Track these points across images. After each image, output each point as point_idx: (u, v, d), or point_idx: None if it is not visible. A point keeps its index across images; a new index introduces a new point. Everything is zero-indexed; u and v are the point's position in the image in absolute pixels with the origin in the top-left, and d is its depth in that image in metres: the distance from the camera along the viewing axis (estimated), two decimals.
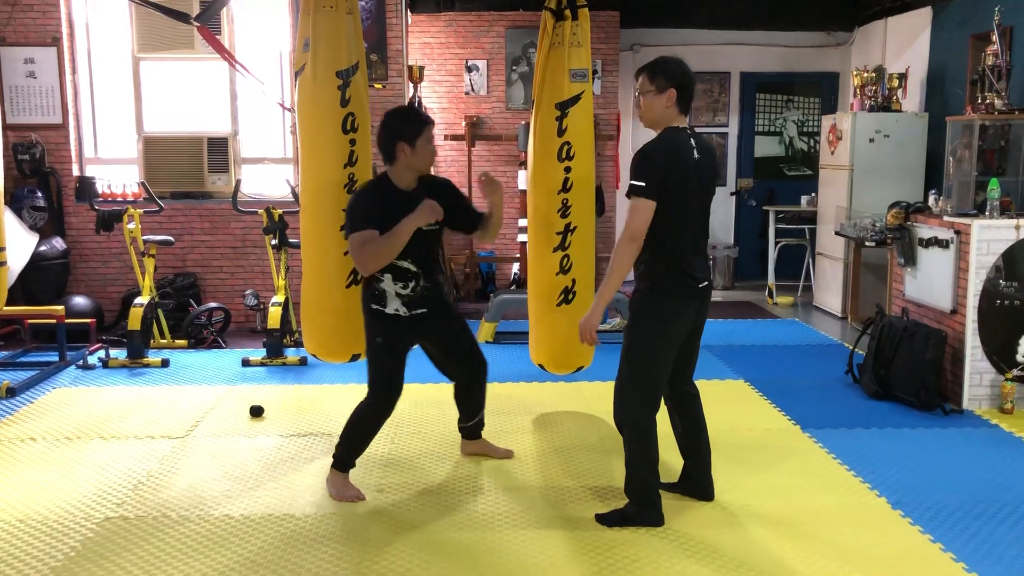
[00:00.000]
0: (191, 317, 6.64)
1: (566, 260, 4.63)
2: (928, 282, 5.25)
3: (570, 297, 4.68)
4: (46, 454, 4.31)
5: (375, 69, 6.98)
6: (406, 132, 3.58)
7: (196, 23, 6.45)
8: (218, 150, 7.28)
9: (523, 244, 7.21)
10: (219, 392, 5.35)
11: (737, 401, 5.17)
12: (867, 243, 6.86)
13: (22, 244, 6.55)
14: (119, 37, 7.24)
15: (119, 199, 6.95)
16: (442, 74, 8.64)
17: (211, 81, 7.34)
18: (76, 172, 7.17)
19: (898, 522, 3.52)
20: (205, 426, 4.72)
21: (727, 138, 9.59)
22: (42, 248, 6.79)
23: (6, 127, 6.92)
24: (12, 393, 5.24)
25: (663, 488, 3.66)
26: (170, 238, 6.53)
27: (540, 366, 4.97)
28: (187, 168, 7.26)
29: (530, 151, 4.75)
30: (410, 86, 7.72)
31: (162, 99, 7.36)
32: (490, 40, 8.65)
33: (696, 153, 3.34)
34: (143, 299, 6.13)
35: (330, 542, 3.35)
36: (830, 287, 7.92)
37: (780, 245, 8.57)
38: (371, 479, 3.93)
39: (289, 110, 7.08)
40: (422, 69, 8.06)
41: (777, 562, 3.18)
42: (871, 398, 5.20)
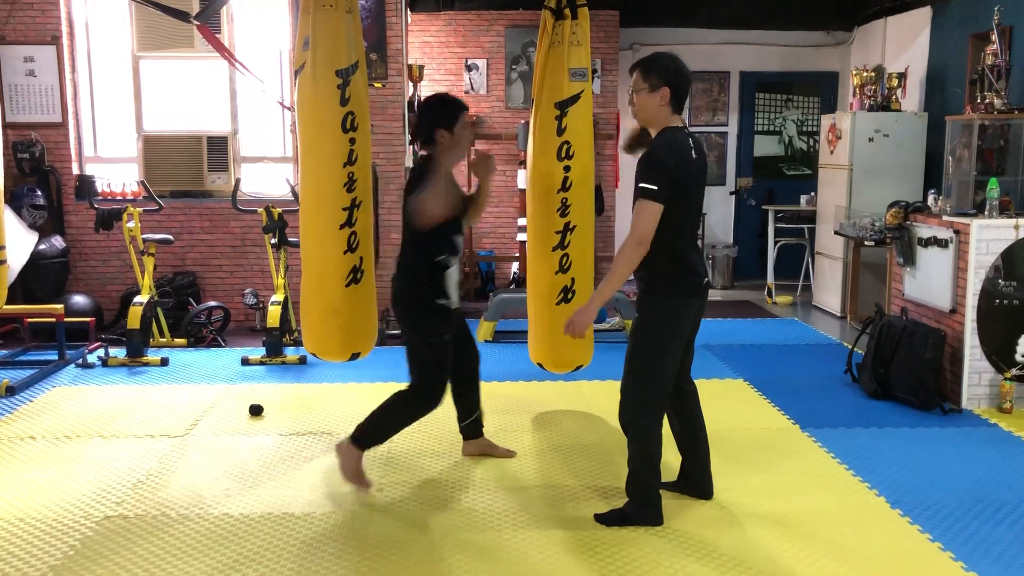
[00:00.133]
0: (190, 316, 6.64)
1: (565, 259, 4.63)
2: (927, 282, 5.26)
3: (569, 296, 4.68)
4: (45, 453, 4.31)
5: (375, 68, 6.98)
6: (444, 118, 3.68)
7: (196, 22, 6.45)
8: (218, 149, 7.28)
9: (522, 243, 7.21)
10: (218, 391, 5.35)
11: (736, 400, 5.17)
12: (866, 242, 6.87)
13: (22, 243, 6.55)
14: (119, 36, 7.24)
15: (119, 198, 6.96)
16: (442, 73, 8.64)
17: (211, 80, 7.34)
18: (76, 171, 7.17)
19: (897, 521, 3.53)
20: (204, 425, 4.72)
21: (726, 137, 9.59)
22: (41, 247, 6.79)
23: (6, 126, 6.92)
24: (11, 392, 5.23)
25: (662, 487, 3.67)
26: (169, 237, 6.53)
27: (539, 365, 4.97)
28: (187, 167, 7.26)
29: (529, 150, 4.75)
30: (410, 85, 7.72)
31: (162, 98, 7.36)
32: (490, 39, 8.65)
33: (694, 153, 3.35)
34: (142, 298, 6.13)
35: (329, 541, 3.35)
36: (829, 286, 7.92)
37: (779, 244, 8.58)
38: (371, 478, 3.93)
39: (289, 109, 7.08)
40: (422, 68, 8.06)
41: (776, 561, 3.19)
42: (870, 397, 5.21)
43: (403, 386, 3.81)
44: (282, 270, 6.28)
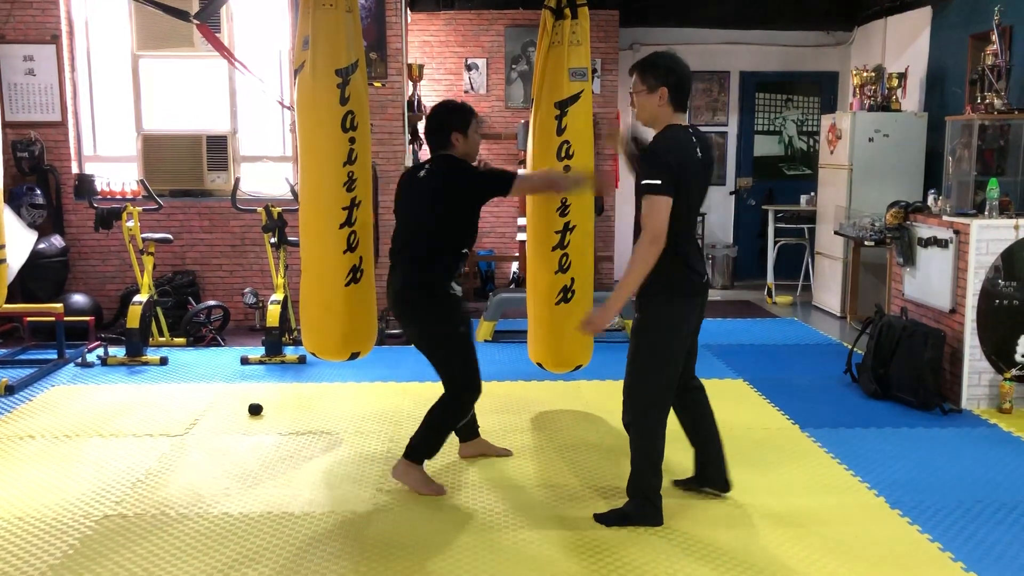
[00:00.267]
0: (190, 315, 6.63)
1: (565, 259, 4.63)
2: (927, 282, 5.26)
3: (569, 296, 4.68)
4: (45, 452, 4.30)
5: (374, 67, 6.98)
6: (458, 122, 3.80)
7: (195, 21, 6.45)
8: (217, 148, 7.27)
9: (522, 243, 7.21)
10: (218, 390, 5.35)
11: (736, 400, 5.17)
12: (866, 243, 6.87)
13: (21, 242, 6.55)
14: (118, 35, 7.23)
15: (118, 197, 6.95)
16: (441, 72, 8.64)
17: (210, 79, 7.33)
18: (75, 170, 7.17)
19: (896, 521, 3.53)
20: (204, 424, 4.72)
21: (726, 137, 9.59)
22: (41, 246, 6.79)
23: (5, 125, 6.91)
24: (11, 391, 5.23)
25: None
26: (169, 236, 6.53)
27: (539, 365, 4.97)
28: (186, 166, 7.26)
29: (529, 150, 4.75)
30: (410, 84, 7.72)
31: (161, 97, 7.35)
32: (489, 39, 8.65)
33: (699, 151, 3.35)
34: (142, 297, 6.13)
35: (329, 540, 3.35)
36: (829, 287, 7.92)
37: (779, 244, 8.58)
38: (371, 478, 3.93)
39: (288, 108, 7.07)
40: (422, 67, 8.06)
41: (775, 561, 3.19)
42: (870, 397, 5.21)
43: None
44: (282, 269, 6.28)
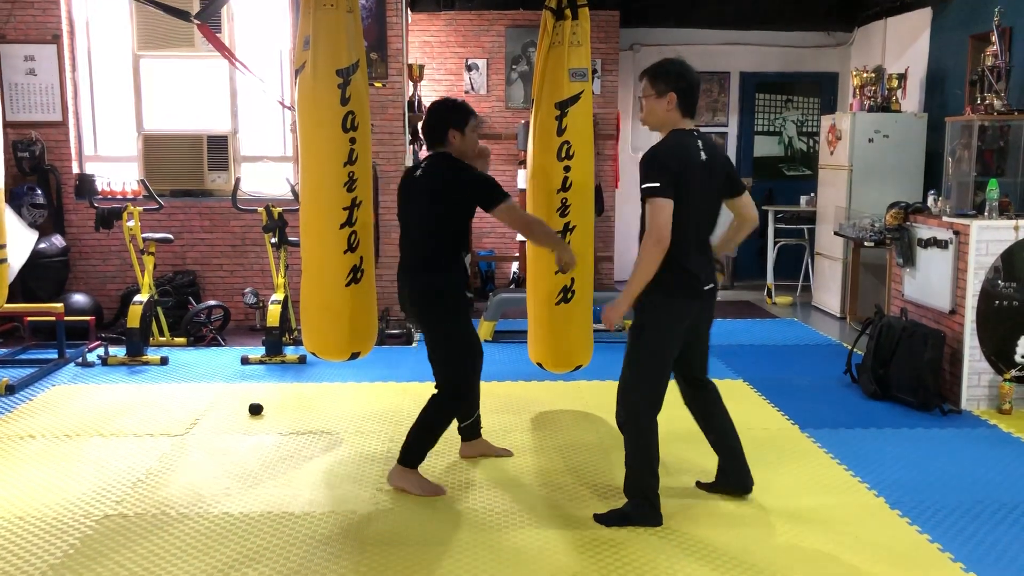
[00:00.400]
0: (190, 315, 6.64)
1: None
2: (927, 282, 5.26)
3: (569, 296, 4.68)
4: (45, 451, 4.31)
5: (375, 68, 6.98)
6: (456, 119, 3.79)
7: (196, 21, 6.45)
8: (218, 148, 7.28)
9: (522, 243, 7.21)
10: (218, 390, 5.35)
11: (736, 401, 5.13)
12: (866, 243, 6.87)
13: (22, 241, 6.55)
14: (119, 34, 7.24)
15: (119, 197, 6.95)
16: (442, 73, 8.64)
17: (211, 79, 7.34)
18: (76, 170, 7.17)
19: (896, 522, 3.53)
20: (204, 424, 4.72)
21: (727, 138, 9.59)
22: (42, 245, 6.79)
23: (6, 124, 6.92)
24: (11, 390, 5.24)
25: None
26: (169, 236, 6.53)
27: (539, 365, 4.97)
28: (187, 166, 7.26)
29: (530, 150, 4.75)
30: (410, 85, 7.72)
31: (162, 97, 7.36)
32: (490, 39, 8.65)
33: (703, 154, 3.35)
34: (142, 297, 6.13)
35: (329, 540, 3.36)
36: (829, 287, 7.92)
37: (779, 245, 8.58)
38: (371, 477, 3.93)
39: (289, 108, 7.08)
40: (422, 68, 8.06)
41: (775, 562, 3.19)
42: (870, 398, 5.21)
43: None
44: (282, 269, 6.28)
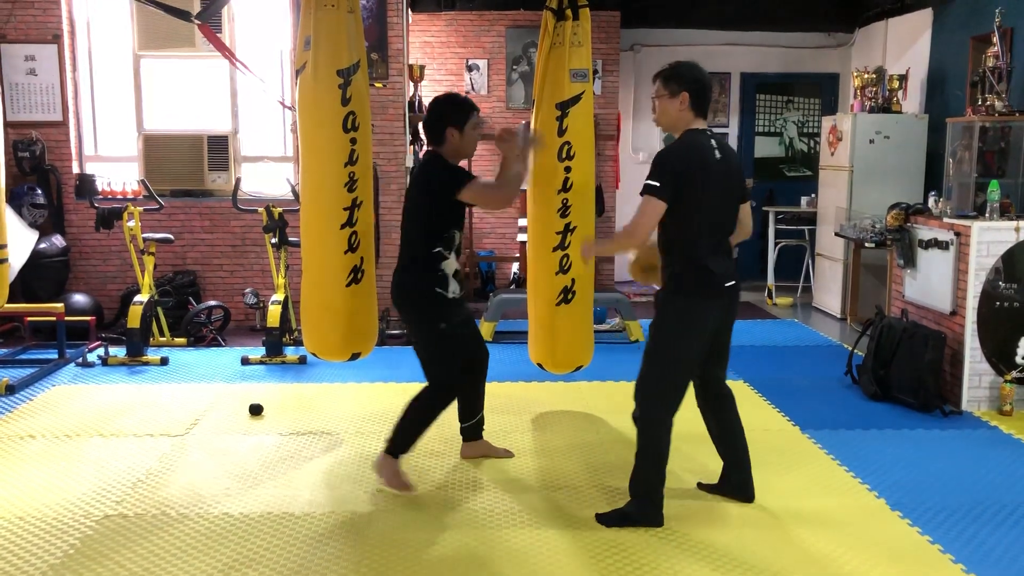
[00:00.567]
0: (190, 315, 6.64)
1: (565, 260, 4.63)
2: (927, 283, 5.26)
3: (569, 297, 4.68)
4: (45, 451, 4.31)
5: (376, 68, 6.98)
6: (455, 117, 3.73)
7: (197, 21, 6.45)
8: (218, 148, 7.28)
9: (523, 244, 7.22)
10: (218, 390, 5.35)
11: (736, 402, 5.14)
12: (867, 244, 6.86)
13: (22, 241, 6.55)
14: (120, 34, 7.24)
15: (119, 197, 6.95)
16: (443, 73, 8.64)
17: (212, 79, 7.34)
18: (76, 170, 7.17)
19: (897, 523, 3.53)
20: (204, 424, 4.72)
21: (727, 139, 9.57)
22: (42, 245, 6.79)
23: (6, 124, 6.91)
24: (11, 390, 5.23)
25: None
26: (170, 236, 6.53)
27: (539, 365, 4.96)
28: (187, 166, 7.26)
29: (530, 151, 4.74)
30: (411, 85, 7.72)
31: (162, 97, 7.36)
32: (491, 39, 8.65)
33: (717, 153, 3.36)
34: (143, 297, 6.13)
35: (329, 540, 3.35)
36: (829, 288, 7.92)
37: (780, 246, 8.58)
38: (371, 478, 3.93)
39: (290, 108, 7.08)
40: (423, 68, 8.06)
41: (776, 563, 3.18)
42: (870, 399, 5.21)
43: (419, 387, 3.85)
44: (282, 269, 6.28)
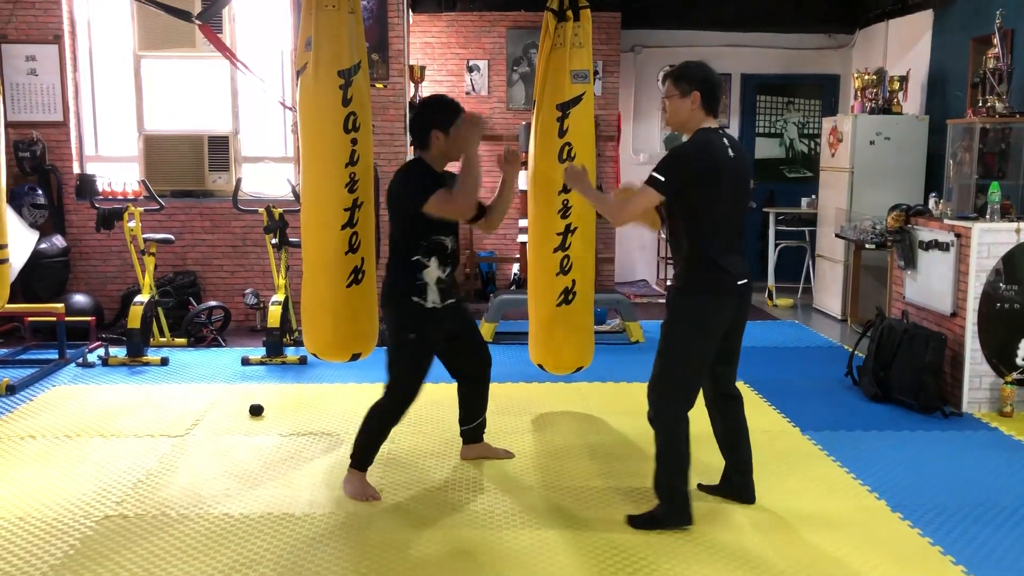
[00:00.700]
0: (191, 315, 6.64)
1: (566, 261, 4.63)
2: (928, 285, 5.26)
3: (570, 298, 4.68)
4: (45, 452, 4.30)
5: (376, 69, 6.98)
6: (440, 120, 3.67)
7: (198, 21, 6.46)
8: (219, 148, 7.28)
9: (523, 245, 7.22)
10: (218, 391, 5.35)
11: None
12: (867, 245, 6.86)
13: (23, 241, 6.55)
14: (121, 35, 7.24)
15: (119, 197, 6.95)
16: (443, 74, 8.65)
17: (212, 79, 7.34)
18: (77, 170, 7.18)
19: (898, 524, 3.53)
20: (204, 425, 4.72)
21: None
22: (42, 246, 6.79)
23: (7, 124, 6.91)
24: (12, 390, 5.23)
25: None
26: (170, 236, 6.53)
27: (540, 366, 4.97)
28: (188, 166, 7.27)
29: (531, 152, 4.75)
30: (411, 86, 7.72)
31: (163, 97, 7.36)
32: (491, 40, 8.65)
33: (731, 152, 3.36)
34: (143, 297, 6.13)
35: (330, 541, 3.35)
36: (830, 289, 7.92)
37: (780, 247, 8.58)
38: (371, 478, 3.93)
39: (290, 109, 7.08)
40: (423, 69, 8.07)
41: (775, 564, 3.18)
42: (871, 400, 5.20)
43: None
44: (283, 270, 6.28)
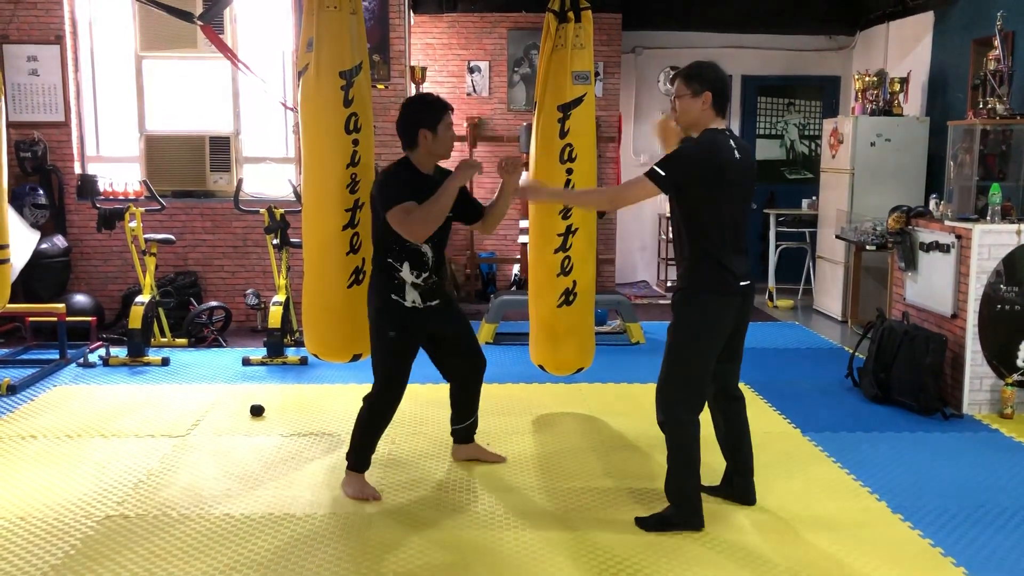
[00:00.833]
0: (192, 316, 6.64)
1: (567, 262, 4.64)
2: (929, 286, 5.26)
3: (571, 299, 4.68)
4: (46, 452, 4.31)
5: (377, 70, 6.99)
6: (427, 119, 3.64)
7: (199, 22, 6.46)
8: (220, 149, 7.28)
9: (524, 245, 7.22)
10: (219, 391, 5.35)
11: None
12: (868, 247, 6.86)
13: (24, 242, 6.55)
14: (122, 35, 7.25)
15: (121, 197, 6.95)
16: (444, 75, 8.65)
17: (213, 80, 7.35)
18: (78, 170, 7.18)
19: (898, 526, 3.53)
20: (205, 425, 4.72)
21: None
22: (43, 246, 6.80)
23: (9, 125, 6.92)
24: (13, 390, 5.24)
25: (705, 491, 3.67)
26: (171, 237, 6.54)
27: (540, 367, 4.97)
28: (189, 167, 7.27)
29: (532, 153, 4.75)
30: (412, 87, 7.73)
31: (164, 98, 7.37)
32: (492, 41, 8.66)
33: (736, 153, 3.36)
34: (144, 297, 6.14)
35: (330, 542, 3.35)
36: (830, 290, 7.92)
37: (780, 248, 8.58)
38: (371, 479, 3.93)
39: (292, 109, 7.08)
40: (424, 70, 8.07)
41: (778, 565, 3.18)
42: (871, 402, 5.21)
43: None
44: (284, 270, 6.28)
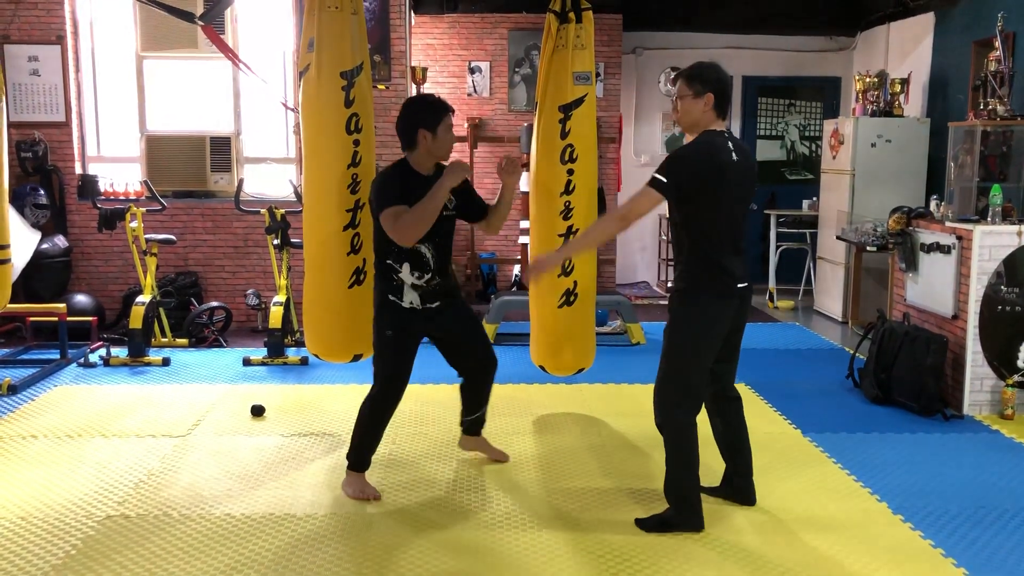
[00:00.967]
0: (192, 316, 6.64)
1: (568, 262, 4.64)
2: (929, 287, 5.26)
3: (572, 299, 4.69)
4: (47, 452, 4.31)
5: (378, 70, 6.99)
6: (427, 119, 3.62)
7: (200, 22, 6.46)
8: (221, 149, 7.29)
9: (524, 246, 7.22)
10: (220, 391, 5.35)
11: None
12: (868, 248, 6.86)
13: (24, 242, 6.56)
14: (123, 35, 7.26)
15: (121, 197, 6.96)
16: (445, 75, 8.65)
17: (214, 80, 7.35)
18: (79, 170, 7.18)
19: (899, 527, 3.53)
20: (206, 425, 4.72)
21: None
22: (44, 246, 6.80)
23: (10, 125, 6.92)
24: (13, 390, 5.24)
25: (704, 492, 3.66)
26: (172, 237, 6.54)
27: (541, 367, 4.97)
28: (190, 167, 7.28)
29: (533, 153, 4.76)
30: (413, 87, 7.73)
31: (165, 98, 7.37)
32: (493, 42, 8.66)
33: (734, 155, 3.35)
34: (145, 298, 6.14)
35: (331, 542, 3.36)
36: (831, 291, 7.92)
37: (781, 249, 8.58)
38: (372, 479, 3.93)
39: (292, 110, 7.08)
40: (425, 70, 8.07)
41: (778, 566, 3.18)
42: (872, 403, 5.21)
43: None
44: (284, 271, 6.28)
